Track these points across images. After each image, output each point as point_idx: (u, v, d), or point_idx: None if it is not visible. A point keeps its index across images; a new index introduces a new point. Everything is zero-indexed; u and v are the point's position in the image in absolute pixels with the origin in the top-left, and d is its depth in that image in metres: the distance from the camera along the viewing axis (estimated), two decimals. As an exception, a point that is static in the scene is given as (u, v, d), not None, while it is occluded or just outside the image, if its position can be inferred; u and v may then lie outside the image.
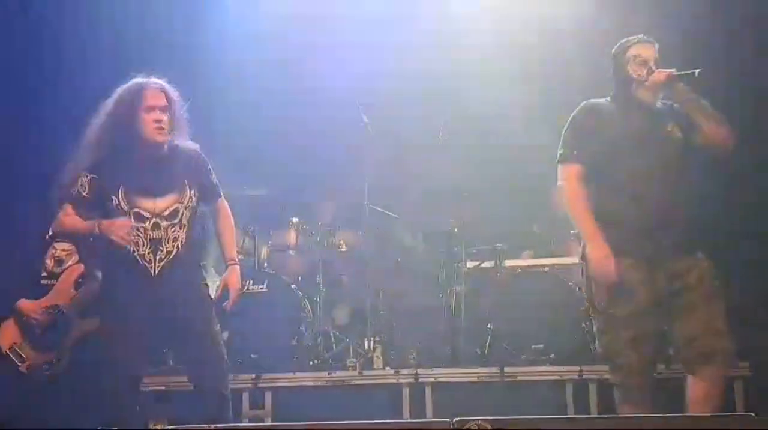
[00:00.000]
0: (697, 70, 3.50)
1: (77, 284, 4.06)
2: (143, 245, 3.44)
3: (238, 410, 4.94)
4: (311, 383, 5.20)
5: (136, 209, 3.45)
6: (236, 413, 4.63)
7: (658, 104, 3.68)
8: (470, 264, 5.97)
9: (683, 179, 3.64)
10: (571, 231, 5.95)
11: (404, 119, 6.56)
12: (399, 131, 6.48)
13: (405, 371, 5.17)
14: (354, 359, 5.35)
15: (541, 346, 5.35)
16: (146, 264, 3.43)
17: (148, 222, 3.45)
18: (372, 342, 5.46)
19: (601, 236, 3.49)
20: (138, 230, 3.41)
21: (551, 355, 5.29)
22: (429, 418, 4.90)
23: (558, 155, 3.71)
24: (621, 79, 3.68)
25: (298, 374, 5.23)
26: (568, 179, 3.63)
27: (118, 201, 3.45)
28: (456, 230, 6.06)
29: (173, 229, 3.47)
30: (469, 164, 6.38)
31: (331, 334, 5.66)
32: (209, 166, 3.71)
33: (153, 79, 3.58)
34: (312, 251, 6.06)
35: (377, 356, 5.39)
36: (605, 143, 3.60)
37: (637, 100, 3.65)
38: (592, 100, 3.77)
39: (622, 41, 3.73)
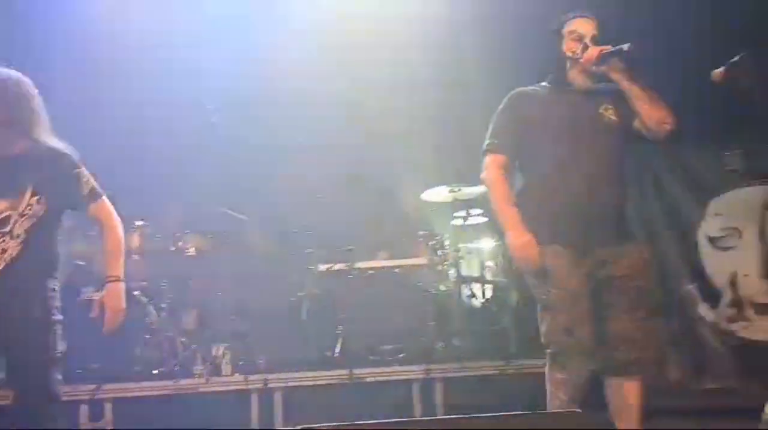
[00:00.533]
0: (626, 45, 3.27)
1: None
2: None
3: (75, 423, 4.69)
4: (156, 393, 5.01)
5: None
6: (73, 427, 4.39)
7: (595, 85, 3.47)
8: (322, 266, 5.96)
9: (616, 165, 3.46)
10: (419, 232, 6.11)
11: (256, 120, 6.46)
12: (250, 132, 6.37)
13: (254, 377, 5.08)
14: (201, 367, 5.20)
15: (390, 347, 5.41)
16: None
17: None
18: (220, 349, 5.33)
19: (520, 223, 3.34)
20: None
21: (400, 355, 5.36)
22: (278, 425, 4.85)
23: (484, 146, 3.57)
24: (556, 58, 3.49)
25: (142, 384, 5.03)
26: (488, 169, 3.50)
27: None
28: (308, 232, 6.05)
29: (2, 238, 3.14)
30: (321, 166, 6.38)
31: (178, 341, 5.47)
32: (77, 170, 3.28)
33: None
34: (157, 255, 5.85)
35: (226, 363, 5.26)
36: (532, 131, 3.46)
37: (570, 81, 3.48)
38: (523, 87, 3.60)
39: (561, 17, 3.53)
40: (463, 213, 6.12)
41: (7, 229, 3.12)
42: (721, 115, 5.25)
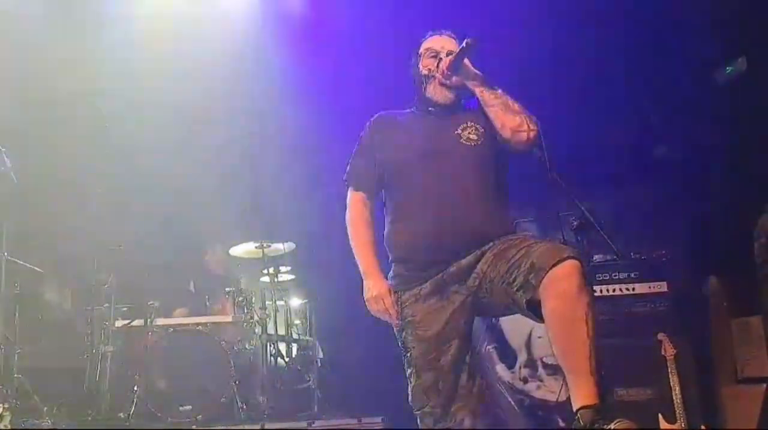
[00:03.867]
0: (466, 40, 3.01)
1: None
2: None
3: None
4: None
5: None
6: None
7: (456, 101, 3.21)
8: (119, 323, 5.69)
9: (486, 186, 3.07)
10: (226, 289, 5.99)
11: (56, 169, 6.14)
12: (49, 182, 6.04)
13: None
14: (-23, 429, 4.76)
15: (189, 407, 5.23)
16: None
17: None
18: (0, 408, 4.91)
19: (376, 270, 3.10)
20: None
21: (198, 416, 5.19)
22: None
23: (344, 177, 3.31)
24: (415, 80, 3.26)
25: None
26: (349, 207, 3.24)
27: None
28: (106, 286, 5.76)
29: None
30: (126, 218, 6.14)
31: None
32: None
33: None
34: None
35: (5, 424, 4.85)
36: (393, 159, 3.17)
37: (430, 97, 3.20)
38: (385, 112, 3.32)
39: (422, 39, 3.31)
40: (271, 270, 6.07)
41: None
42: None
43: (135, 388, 5.29)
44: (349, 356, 6.16)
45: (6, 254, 5.40)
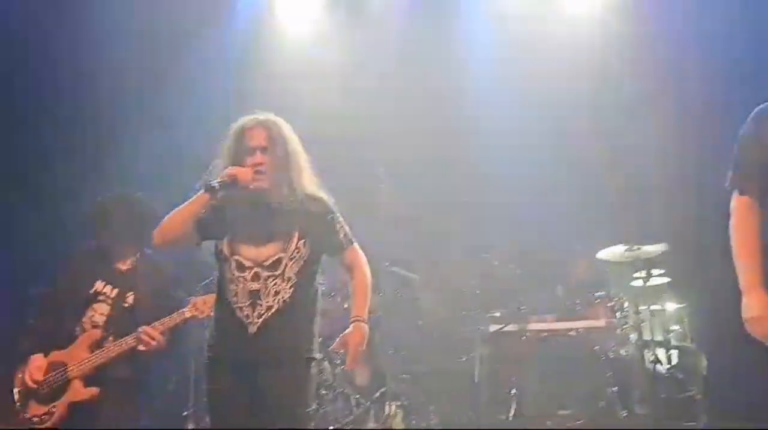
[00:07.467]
0: None
1: (91, 349, 3.94)
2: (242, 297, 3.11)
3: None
4: (330, 449, 5.02)
5: (236, 257, 3.16)
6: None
7: None
8: (493, 327, 5.82)
9: None
10: (596, 293, 5.84)
11: (424, 180, 6.53)
12: (416, 189, 6.43)
13: (426, 437, 4.99)
14: (374, 424, 5.17)
15: (568, 412, 5.17)
16: (244, 319, 3.10)
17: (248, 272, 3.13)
18: (392, 406, 5.29)
19: (760, 285, 2.76)
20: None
21: (579, 421, 5.10)
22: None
23: (726, 181, 2.98)
24: None
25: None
26: (733, 213, 2.92)
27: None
28: (478, 292, 5.94)
29: (274, 281, 3.12)
30: (491, 224, 6.31)
31: (351, 397, 5.48)
32: (332, 215, 3.28)
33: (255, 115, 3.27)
34: (330, 313, 5.92)
35: (398, 422, 5.21)
36: None
37: None
38: (766, 106, 2.92)
39: None
40: (643, 273, 5.78)
41: (279, 271, 3.14)
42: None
43: (512, 391, 5.35)
44: (737, 366, 5.63)
45: (387, 263, 5.84)
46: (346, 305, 5.86)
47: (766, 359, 2.81)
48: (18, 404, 3.91)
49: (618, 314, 5.69)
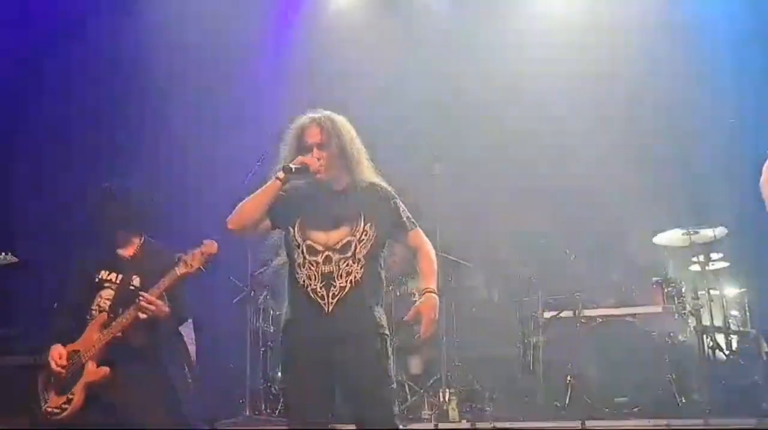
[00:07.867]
0: None
1: (100, 332, 4.01)
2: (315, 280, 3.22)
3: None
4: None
5: (308, 242, 3.27)
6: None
7: None
8: (548, 314, 5.78)
9: None
10: (653, 278, 5.75)
11: (476, 165, 6.52)
12: (470, 178, 6.42)
13: (481, 424, 4.99)
14: (429, 411, 5.19)
15: (625, 399, 5.12)
16: (319, 300, 3.20)
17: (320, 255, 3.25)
18: (447, 393, 5.30)
19: None
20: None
21: (636, 408, 5.04)
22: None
23: None
24: None
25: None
26: (765, 169, 3.01)
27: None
28: (532, 278, 5.90)
29: (346, 262, 3.22)
30: (545, 210, 6.26)
31: (405, 385, 5.51)
32: (395, 200, 3.39)
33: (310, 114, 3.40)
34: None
35: (452, 408, 5.21)
36: None
37: None
38: None
39: None
40: (701, 258, 5.67)
41: (350, 253, 3.24)
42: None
43: (569, 378, 5.32)
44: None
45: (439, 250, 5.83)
46: (398, 293, 5.93)
47: None
48: (42, 402, 3.98)
49: (676, 300, 5.60)
